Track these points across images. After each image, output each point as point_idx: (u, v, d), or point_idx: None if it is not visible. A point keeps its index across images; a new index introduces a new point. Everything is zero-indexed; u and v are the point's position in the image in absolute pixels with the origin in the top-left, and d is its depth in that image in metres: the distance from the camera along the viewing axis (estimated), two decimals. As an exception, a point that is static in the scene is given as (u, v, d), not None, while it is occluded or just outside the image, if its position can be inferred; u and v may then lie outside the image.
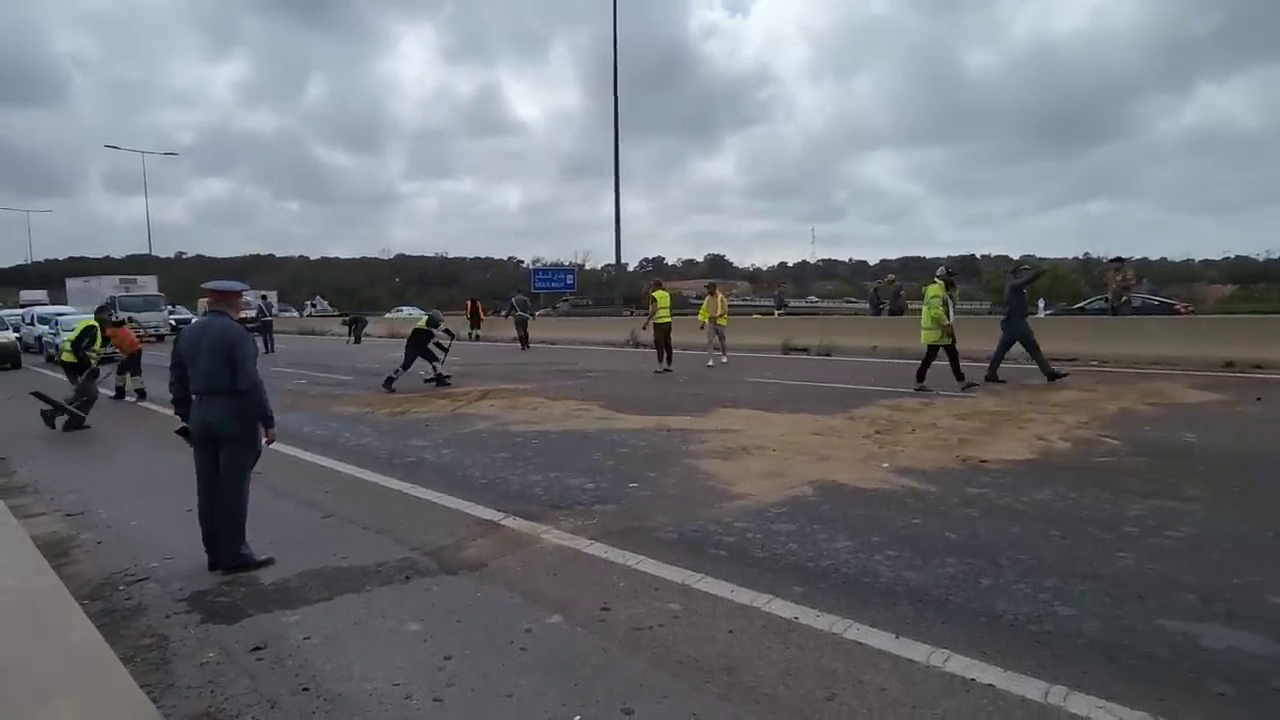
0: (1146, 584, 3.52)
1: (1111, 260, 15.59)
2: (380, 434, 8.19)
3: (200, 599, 3.77)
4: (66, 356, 10.72)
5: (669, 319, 14.01)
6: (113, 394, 11.36)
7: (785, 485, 5.45)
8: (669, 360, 13.71)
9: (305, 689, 2.85)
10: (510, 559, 4.18)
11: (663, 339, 13.85)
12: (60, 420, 9.42)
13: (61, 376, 11.58)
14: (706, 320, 14.04)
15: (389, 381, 12.01)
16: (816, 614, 3.32)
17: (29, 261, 77.94)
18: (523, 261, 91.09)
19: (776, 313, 25.28)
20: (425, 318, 13.19)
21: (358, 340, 26.90)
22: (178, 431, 4.35)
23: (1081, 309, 18.64)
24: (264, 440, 4.29)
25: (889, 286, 19.40)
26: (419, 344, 12.55)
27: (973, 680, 2.72)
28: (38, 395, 9.61)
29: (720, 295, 14.09)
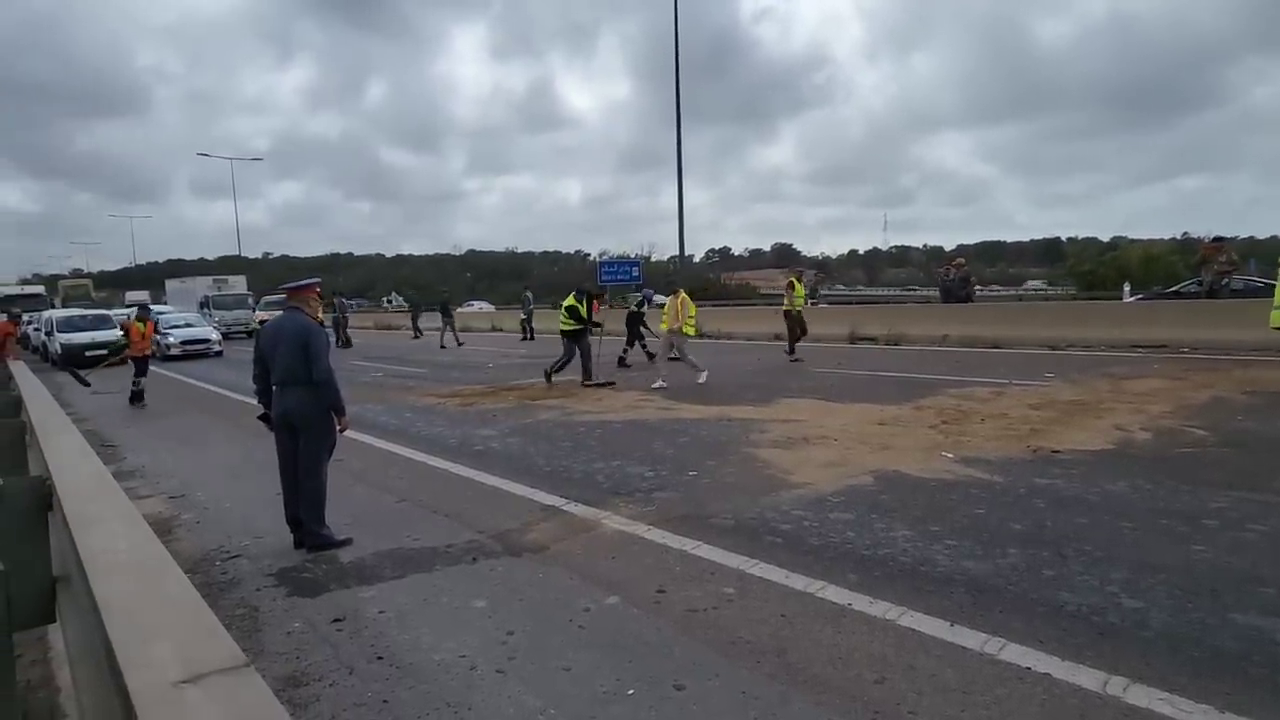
0: (1222, 578, 3.38)
1: (1212, 240, 14.55)
2: (450, 423, 8.52)
3: (287, 574, 4.07)
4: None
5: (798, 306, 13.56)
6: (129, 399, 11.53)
7: (845, 474, 5.42)
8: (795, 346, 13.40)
9: (380, 658, 3.07)
10: (571, 543, 4.33)
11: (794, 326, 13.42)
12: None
13: (157, 369, 12.38)
14: (666, 330, 11.22)
15: (621, 362, 13.81)
16: (870, 600, 3.33)
17: (133, 264, 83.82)
18: (589, 255, 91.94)
19: (810, 302, 24.67)
20: (639, 299, 15.77)
21: (454, 339, 21.56)
22: (259, 417, 4.73)
23: (1176, 292, 17.56)
24: (338, 429, 4.57)
25: (958, 271, 18.74)
26: (632, 324, 14.45)
27: (1028, 669, 2.69)
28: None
29: (683, 297, 10.96)
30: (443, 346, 20.57)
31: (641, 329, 14.53)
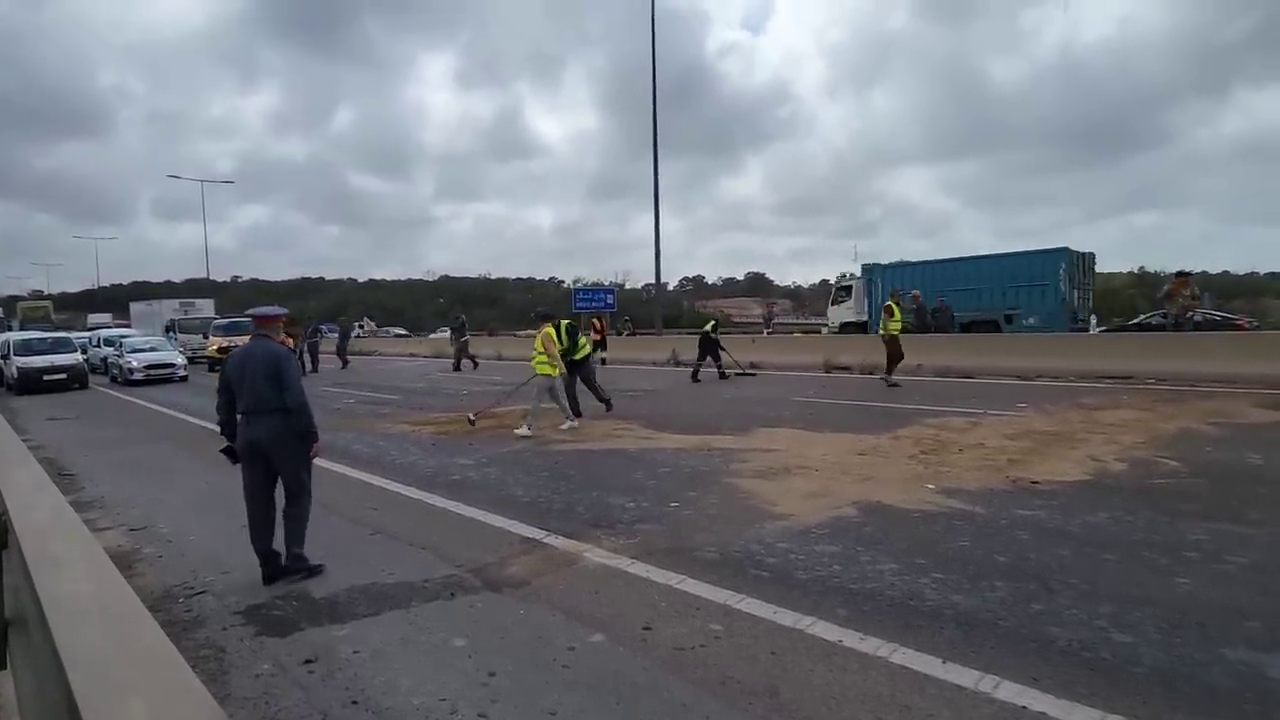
0: (1207, 611, 3.38)
1: (1176, 274, 14.94)
2: (425, 452, 8.36)
3: (255, 612, 3.89)
4: None
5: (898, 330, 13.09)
6: None
7: (828, 506, 5.39)
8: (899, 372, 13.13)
9: (355, 702, 2.92)
10: (553, 577, 4.22)
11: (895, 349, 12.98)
12: None
13: (119, 394, 12.00)
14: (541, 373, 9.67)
15: (695, 373, 15.38)
16: (861, 637, 3.28)
17: (96, 286, 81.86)
18: (563, 282, 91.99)
19: (765, 331, 24.96)
20: (711, 323, 16.56)
21: (468, 363, 21.34)
22: (222, 450, 4.51)
23: (1139, 325, 18.03)
24: (311, 452, 4.49)
25: (920, 302, 19.05)
26: (708, 347, 15.53)
27: (1024, 708, 2.65)
28: None
29: (548, 330, 9.57)
30: (457, 370, 20.78)
31: (720, 350, 15.60)
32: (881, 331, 13.38)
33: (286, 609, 3.92)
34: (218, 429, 4.61)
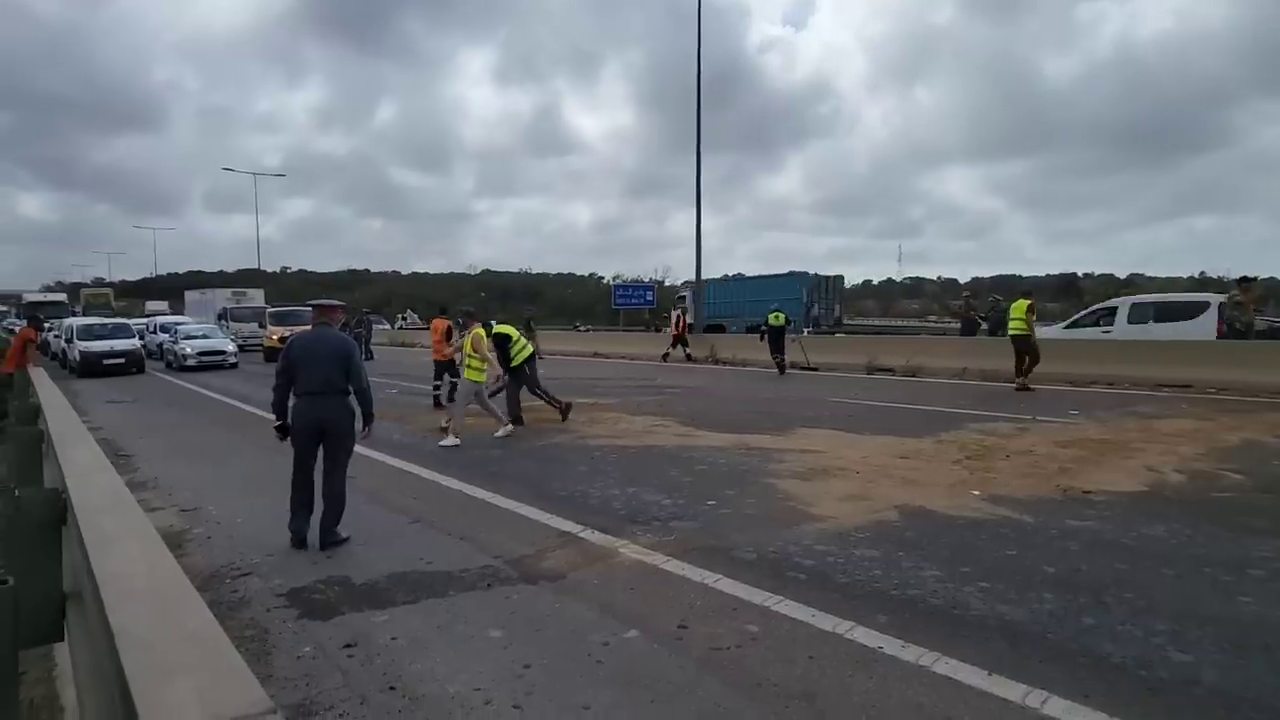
0: (1273, 632, 3.22)
1: (1239, 280, 14.27)
2: (465, 444, 8.44)
3: (298, 595, 3.97)
4: None
5: None
6: None
7: (869, 509, 5.29)
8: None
9: (392, 687, 2.96)
10: (588, 571, 4.22)
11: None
12: None
13: (173, 379, 12.41)
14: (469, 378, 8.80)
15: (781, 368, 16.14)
16: (902, 644, 3.20)
17: (154, 275, 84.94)
18: (603, 278, 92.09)
19: (805, 331, 24.82)
20: (783, 316, 16.79)
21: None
22: (277, 427, 4.87)
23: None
24: (363, 433, 5.02)
25: (971, 303, 18.57)
26: (775, 338, 16.29)
27: (1074, 725, 2.55)
28: None
29: (477, 331, 8.78)
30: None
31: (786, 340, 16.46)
32: (1011, 331, 12.36)
33: (328, 593, 3.99)
34: (270, 409, 4.94)
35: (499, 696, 2.86)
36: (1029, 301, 12.63)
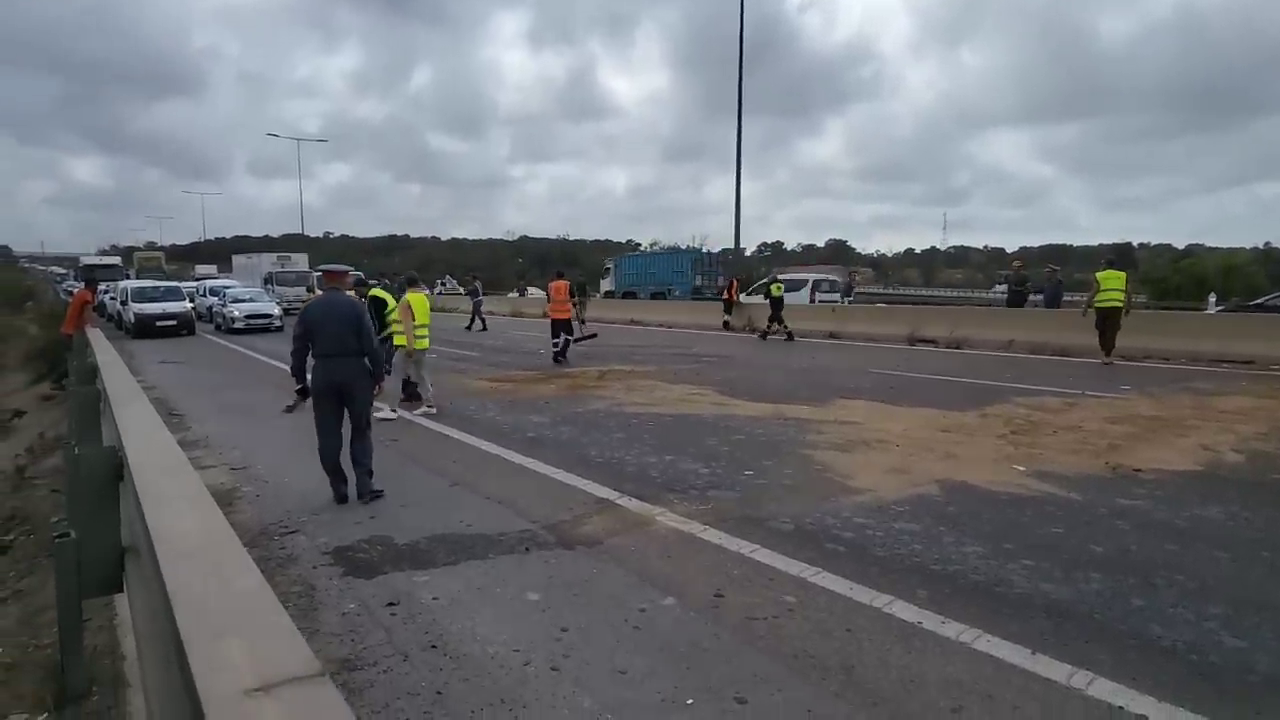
0: (1338, 621, 3.09)
1: None
2: (502, 408, 8.53)
3: (343, 554, 4.08)
4: None
5: None
6: None
7: (909, 483, 5.21)
8: None
9: (433, 646, 3.03)
10: (625, 538, 4.25)
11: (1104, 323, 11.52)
12: None
13: (222, 341, 12.73)
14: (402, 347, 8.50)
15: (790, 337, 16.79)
16: (942, 620, 3.16)
17: (202, 239, 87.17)
18: (640, 244, 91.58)
19: (845, 300, 24.34)
20: (782, 287, 18.11)
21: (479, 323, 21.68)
22: (297, 390, 5.18)
23: (1260, 305, 16.54)
24: (375, 390, 5.25)
25: (1017, 274, 18.00)
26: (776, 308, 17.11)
27: (1121, 708, 2.50)
28: None
29: (408, 297, 8.38)
30: (469, 329, 21.22)
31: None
32: (1094, 305, 11.69)
33: (372, 552, 4.09)
34: (291, 373, 5.26)
35: (537, 658, 2.91)
36: (1125, 274, 11.93)
